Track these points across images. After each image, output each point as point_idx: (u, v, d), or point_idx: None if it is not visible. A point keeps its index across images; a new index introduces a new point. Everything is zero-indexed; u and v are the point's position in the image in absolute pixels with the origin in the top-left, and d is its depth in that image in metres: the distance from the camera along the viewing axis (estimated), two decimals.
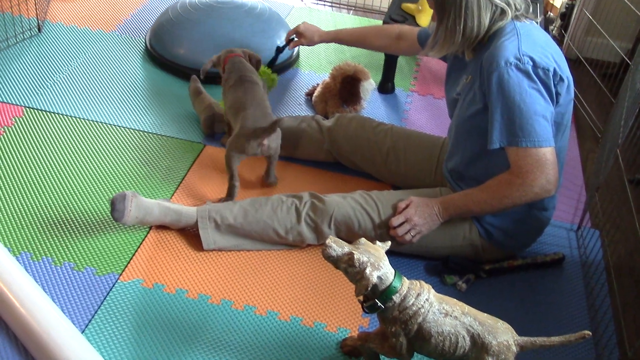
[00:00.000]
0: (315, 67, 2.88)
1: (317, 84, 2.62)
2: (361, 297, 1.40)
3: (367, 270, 1.32)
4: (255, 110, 2.00)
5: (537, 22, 1.74)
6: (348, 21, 3.33)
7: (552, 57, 1.63)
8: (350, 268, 1.34)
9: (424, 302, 1.36)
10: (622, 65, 2.79)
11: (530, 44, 1.62)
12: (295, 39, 2.39)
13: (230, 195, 2.02)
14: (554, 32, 3.36)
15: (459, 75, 1.85)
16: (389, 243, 1.43)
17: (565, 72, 1.65)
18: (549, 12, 3.49)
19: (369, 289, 1.33)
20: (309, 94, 2.65)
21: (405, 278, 1.39)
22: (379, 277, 1.34)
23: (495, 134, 1.63)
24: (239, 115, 2.01)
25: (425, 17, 2.58)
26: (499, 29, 1.66)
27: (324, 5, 3.51)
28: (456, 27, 1.64)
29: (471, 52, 1.76)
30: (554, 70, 1.60)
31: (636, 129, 1.98)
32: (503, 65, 1.59)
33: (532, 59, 1.59)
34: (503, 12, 1.64)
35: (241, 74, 2.11)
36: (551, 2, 3.54)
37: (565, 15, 3.26)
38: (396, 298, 1.35)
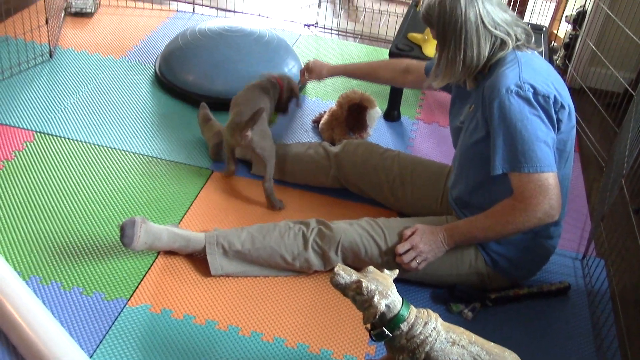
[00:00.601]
0: (322, 95, 2.92)
1: (324, 112, 2.65)
2: (369, 325, 1.41)
3: (375, 298, 1.33)
4: (246, 108, 2.14)
5: (539, 52, 1.77)
6: (354, 50, 3.38)
7: (553, 85, 1.66)
8: (358, 296, 1.35)
9: (432, 330, 1.37)
10: (625, 95, 2.82)
11: (531, 72, 1.65)
12: (306, 75, 2.44)
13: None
14: (557, 62, 3.40)
15: (463, 105, 1.88)
16: (397, 271, 1.44)
17: (567, 99, 1.68)
18: (552, 42, 3.54)
19: (377, 317, 1.34)
20: (316, 122, 2.68)
21: (412, 306, 1.40)
22: (387, 305, 1.35)
23: (497, 160, 1.66)
24: (233, 111, 2.20)
25: (431, 47, 2.61)
26: (501, 59, 1.70)
27: (331, 33, 3.57)
28: (456, 57, 1.69)
29: (472, 82, 1.80)
30: (555, 97, 1.64)
31: None
32: (504, 93, 1.62)
33: (532, 86, 1.62)
34: (503, 42, 1.69)
35: (256, 82, 2.32)
36: (555, 32, 3.59)
37: (569, 46, 3.30)
38: (404, 326, 1.36)
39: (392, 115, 2.77)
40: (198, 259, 1.92)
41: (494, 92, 1.64)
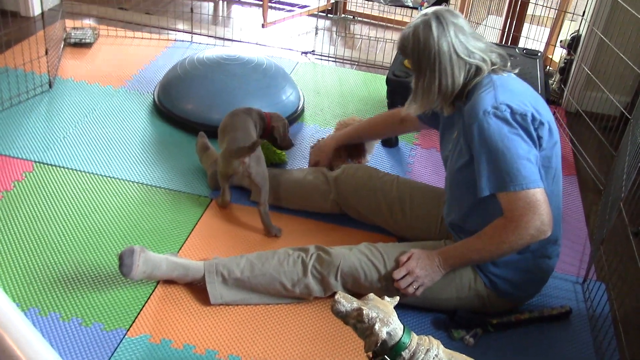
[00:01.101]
0: (320, 122, 2.93)
1: (322, 138, 2.66)
2: (370, 353, 1.39)
3: (377, 326, 1.33)
4: (239, 134, 2.17)
5: (515, 74, 1.83)
6: (351, 76, 3.41)
7: (530, 103, 1.70)
8: (359, 324, 1.35)
9: (433, 358, 1.36)
10: (622, 119, 2.84)
11: (506, 93, 1.70)
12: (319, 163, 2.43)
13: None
14: (553, 86, 3.42)
15: (450, 135, 1.92)
16: (397, 298, 1.44)
17: (546, 116, 1.71)
18: (548, 67, 3.57)
19: (379, 344, 1.33)
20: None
21: (414, 333, 1.39)
22: (388, 333, 1.34)
23: (483, 182, 1.68)
24: (225, 139, 2.21)
25: None
26: (477, 83, 1.75)
27: (328, 60, 3.60)
28: (432, 85, 1.76)
29: (450, 108, 1.85)
30: (532, 114, 1.67)
31: (639, 182, 2.00)
32: (482, 115, 1.67)
33: (509, 106, 1.66)
34: (478, 69, 1.75)
35: (237, 110, 2.34)
36: (550, 57, 3.63)
37: (565, 70, 3.33)
38: (405, 354, 1.35)
39: (390, 141, 2.78)
40: (197, 288, 1.91)
41: (472, 115, 1.69)
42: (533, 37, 3.44)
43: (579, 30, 3.22)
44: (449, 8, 1.78)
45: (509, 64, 1.81)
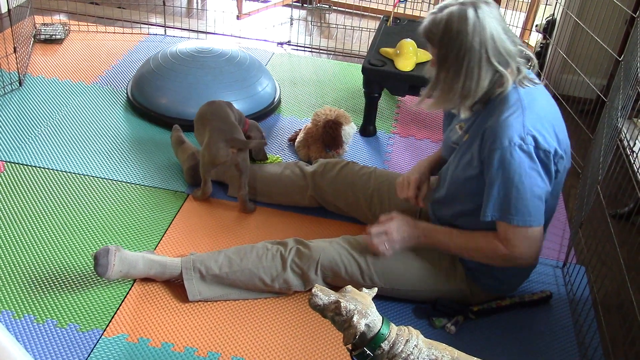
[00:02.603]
0: (297, 113, 2.91)
1: (299, 130, 2.64)
2: (350, 346, 1.38)
3: (355, 318, 1.31)
4: (221, 123, 2.17)
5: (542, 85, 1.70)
6: (328, 66, 3.38)
7: (554, 129, 1.62)
8: (337, 317, 1.33)
9: (413, 348, 1.34)
10: (598, 102, 2.84)
11: (534, 118, 1.59)
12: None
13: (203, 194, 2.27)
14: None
15: (456, 123, 1.82)
16: (375, 290, 1.42)
17: (564, 143, 1.66)
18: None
19: (357, 337, 1.32)
20: (292, 140, 2.67)
21: (393, 324, 1.38)
22: (367, 325, 1.33)
23: (489, 207, 1.64)
24: (205, 128, 2.18)
25: (403, 61, 2.61)
26: (503, 98, 1.62)
27: (304, 51, 3.56)
28: (454, 85, 1.60)
29: (468, 112, 1.71)
30: (555, 150, 1.60)
31: (615, 164, 2.01)
32: (507, 145, 1.57)
33: (535, 138, 1.57)
34: (502, 77, 1.60)
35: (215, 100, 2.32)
36: (526, 41, 3.62)
37: (541, 54, 3.33)
38: (385, 345, 1.34)
39: (367, 130, 2.76)
40: (175, 285, 1.88)
41: (496, 142, 1.58)
42: (509, 22, 3.43)
43: (553, 14, 3.22)
44: None
45: (535, 65, 1.67)
